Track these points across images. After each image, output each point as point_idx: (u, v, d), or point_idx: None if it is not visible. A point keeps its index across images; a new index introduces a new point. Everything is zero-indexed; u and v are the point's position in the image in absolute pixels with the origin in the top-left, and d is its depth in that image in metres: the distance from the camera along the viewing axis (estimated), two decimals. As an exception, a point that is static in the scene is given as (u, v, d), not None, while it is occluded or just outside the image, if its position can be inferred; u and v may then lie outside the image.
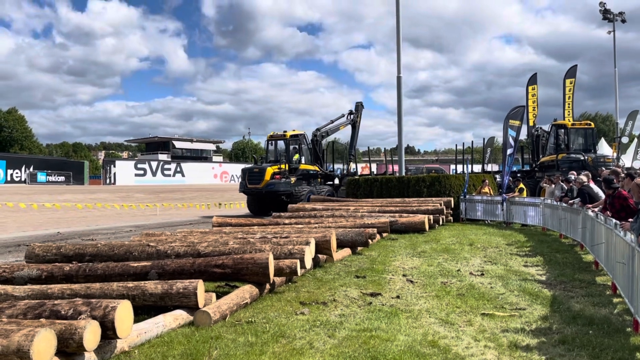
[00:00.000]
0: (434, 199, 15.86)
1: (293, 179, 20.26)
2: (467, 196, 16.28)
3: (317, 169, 22.35)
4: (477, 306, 5.66)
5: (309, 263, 6.88)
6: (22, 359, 3.24)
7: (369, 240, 9.70)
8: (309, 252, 6.93)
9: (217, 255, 6.42)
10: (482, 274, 7.45)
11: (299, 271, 6.45)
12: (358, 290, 6.47)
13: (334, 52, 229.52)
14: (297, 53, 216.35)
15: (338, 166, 27.53)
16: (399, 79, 21.52)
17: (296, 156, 21.39)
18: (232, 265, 5.89)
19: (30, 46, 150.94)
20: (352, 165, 25.56)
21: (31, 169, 51.32)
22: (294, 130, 21.96)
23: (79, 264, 6.15)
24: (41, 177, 51.47)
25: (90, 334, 3.65)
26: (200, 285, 5.09)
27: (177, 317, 4.91)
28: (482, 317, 5.24)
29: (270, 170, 19.98)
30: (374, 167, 32.70)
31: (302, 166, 21.37)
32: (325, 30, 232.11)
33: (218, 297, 5.53)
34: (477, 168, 27.58)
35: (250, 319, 5.16)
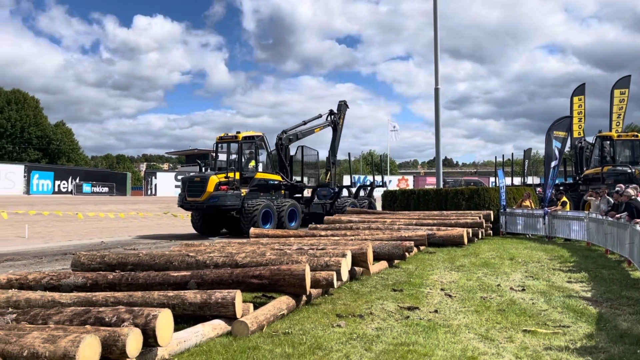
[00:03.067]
0: (472, 212, 15.59)
1: (244, 191, 16.82)
2: (508, 209, 15.93)
3: (279, 178, 18.85)
4: (518, 322, 5.52)
5: (345, 275, 6.86)
6: (68, 364, 3.35)
7: (406, 254, 9.60)
8: (346, 265, 6.91)
9: (254, 266, 6.49)
10: (524, 290, 7.25)
11: (336, 283, 6.44)
12: (395, 303, 6.41)
13: (372, 64, 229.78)
14: (336, 65, 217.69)
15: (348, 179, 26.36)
16: (436, 90, 21.35)
17: (252, 163, 18.03)
18: (269, 276, 5.94)
19: (78, 62, 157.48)
20: (329, 176, 22.70)
21: (77, 180, 53.21)
22: (250, 132, 18.45)
23: (122, 273, 6.32)
24: (86, 188, 53.29)
25: (133, 341, 3.74)
26: (238, 295, 5.15)
27: (215, 327, 4.98)
28: (523, 333, 5.10)
29: (214, 179, 16.33)
30: (410, 179, 32.45)
31: (259, 175, 17.94)
32: (363, 42, 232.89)
33: (255, 307, 5.58)
34: (518, 181, 26.96)
35: (287, 330, 5.18)
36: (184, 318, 5.20)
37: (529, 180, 26.80)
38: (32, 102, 78.58)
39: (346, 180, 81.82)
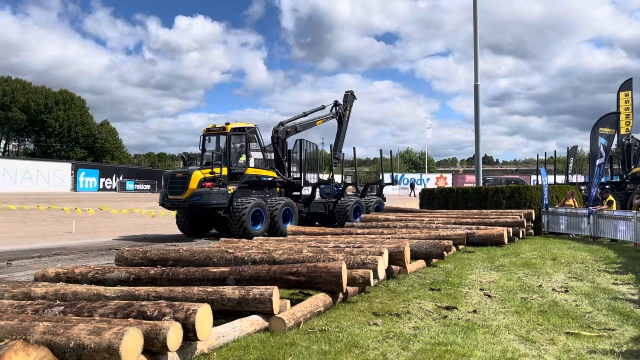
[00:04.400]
0: (513, 210, 15.24)
1: (232, 188, 15.05)
2: (550, 208, 15.49)
3: (273, 174, 16.88)
4: (560, 324, 5.37)
5: (382, 274, 6.84)
6: (112, 356, 3.46)
7: (444, 253, 9.48)
8: (382, 263, 6.88)
9: (291, 263, 6.54)
10: (567, 291, 7.05)
11: (372, 281, 6.42)
12: (433, 303, 6.34)
13: (410, 61, 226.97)
14: (373, 63, 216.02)
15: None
16: (476, 87, 20.95)
17: (242, 157, 16.22)
18: (306, 273, 5.97)
19: (122, 62, 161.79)
20: (334, 173, 20.72)
21: (121, 178, 54.86)
22: (240, 123, 16.51)
23: (163, 268, 6.49)
24: (129, 185, 54.87)
25: (174, 335, 3.83)
26: (275, 291, 5.20)
27: (253, 323, 5.05)
28: (566, 336, 4.96)
29: (197, 175, 14.65)
30: (449, 177, 31.77)
31: (250, 170, 16.02)
32: (402, 39, 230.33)
33: (292, 304, 5.63)
34: (561, 179, 26.17)
35: (323, 327, 5.20)
36: (222, 313, 5.29)
37: (573, 178, 25.94)
38: (79, 102, 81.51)
39: (385, 179, 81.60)
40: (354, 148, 20.78)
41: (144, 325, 3.84)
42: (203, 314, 4.18)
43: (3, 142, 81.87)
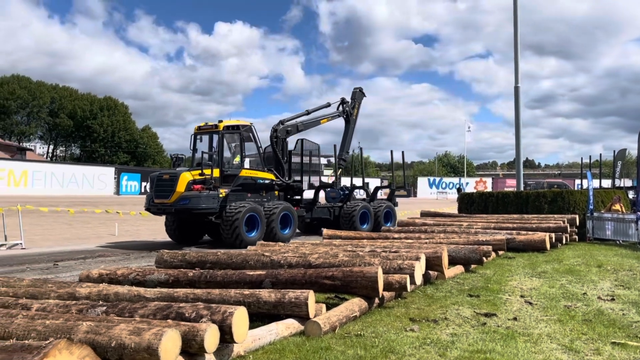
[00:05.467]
0: (556, 216, 14.80)
1: (223, 191, 13.76)
2: (595, 213, 14.97)
3: (270, 177, 15.50)
4: (606, 334, 5.16)
5: (419, 279, 6.75)
6: (151, 356, 3.53)
7: (484, 258, 9.28)
8: (419, 268, 6.80)
9: (327, 267, 6.54)
10: (613, 299, 6.78)
11: (409, 287, 6.35)
12: (471, 309, 6.21)
13: (449, 63, 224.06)
14: (412, 65, 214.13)
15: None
16: (516, 89, 20.51)
17: (237, 158, 14.92)
18: (341, 277, 5.96)
19: (164, 69, 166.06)
20: (339, 176, 19.50)
21: (161, 182, 56.15)
22: (234, 120, 15.13)
23: (201, 271, 6.59)
24: (170, 189, 56.13)
25: (211, 336, 3.89)
26: (311, 295, 5.21)
27: (289, 326, 5.07)
28: (612, 346, 4.77)
29: (185, 177, 13.39)
30: (489, 181, 31.10)
31: (245, 172, 14.63)
32: (441, 41, 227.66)
33: (328, 308, 5.62)
34: (607, 183, 25.25)
35: (359, 332, 5.17)
36: (258, 316, 5.33)
37: (621, 182, 24.96)
38: (122, 108, 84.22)
39: (422, 183, 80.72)
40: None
41: (182, 326, 3.91)
42: (240, 317, 4.22)
43: (51, 147, 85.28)
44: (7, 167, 41.61)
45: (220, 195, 13.63)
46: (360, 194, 19.36)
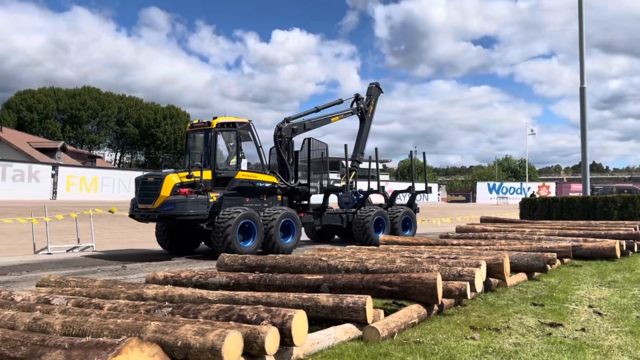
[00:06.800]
0: (626, 222, 14.06)
1: (214, 196, 12.37)
2: (671, 220, 14.07)
3: (272, 179, 13.88)
4: (684, 348, 4.85)
5: (479, 286, 6.60)
6: (215, 356, 3.65)
7: (548, 266, 8.94)
8: (480, 275, 6.64)
9: (384, 273, 6.51)
10: (692, 312, 6.35)
11: (469, 294, 6.22)
12: (535, 318, 6.00)
13: (510, 65, 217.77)
14: (470, 68, 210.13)
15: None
16: (582, 90, 19.65)
17: (233, 160, 13.63)
18: (399, 283, 5.92)
19: (223, 77, 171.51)
20: (350, 179, 17.87)
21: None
22: (230, 117, 13.75)
23: (260, 274, 6.74)
24: (228, 194, 57.57)
25: (271, 339, 3.97)
26: (369, 301, 5.21)
27: (347, 331, 5.09)
28: (691, 362, 4.48)
29: (171, 180, 12.03)
30: (552, 186, 29.84)
31: (241, 175, 13.13)
32: (501, 42, 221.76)
33: (386, 314, 5.59)
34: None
35: (418, 339, 5.11)
36: (316, 320, 5.38)
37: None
38: (184, 116, 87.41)
39: (482, 187, 78.56)
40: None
41: (243, 328, 4.02)
42: (299, 320, 4.28)
43: (119, 154, 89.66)
44: (79, 174, 43.99)
45: (211, 200, 12.25)
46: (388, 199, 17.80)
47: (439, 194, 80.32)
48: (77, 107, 78.64)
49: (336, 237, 17.21)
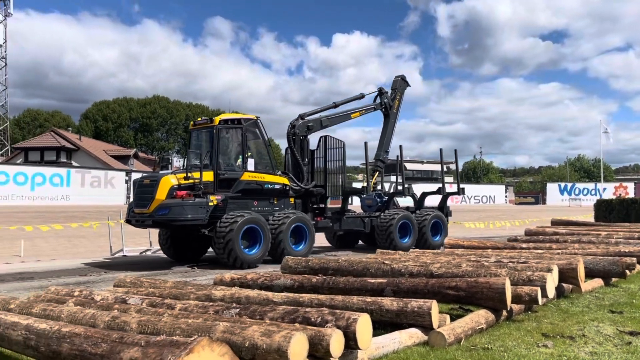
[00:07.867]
0: None
1: (214, 199, 11.39)
2: None
3: (283, 181, 12.89)
4: None
5: (551, 292, 6.32)
6: (281, 357, 3.72)
7: (627, 271, 8.44)
8: (551, 280, 6.37)
9: (449, 277, 6.38)
10: None
11: (540, 300, 5.98)
12: (613, 326, 5.68)
13: (582, 60, 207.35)
14: (538, 64, 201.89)
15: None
16: (662, 83, 18.34)
17: (238, 161, 12.57)
18: (465, 288, 5.78)
19: (285, 83, 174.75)
20: (372, 180, 16.38)
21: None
22: (236, 113, 13.08)
23: (324, 277, 6.79)
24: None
25: (336, 342, 3.99)
26: (434, 305, 5.13)
27: (412, 335, 5.03)
28: None
29: (167, 182, 11.14)
30: (630, 186, 28.02)
31: (247, 176, 12.07)
32: (572, 37, 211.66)
33: (452, 319, 5.49)
34: None
35: (486, 345, 4.97)
36: (380, 324, 5.35)
37: None
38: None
39: (552, 189, 75.06)
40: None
41: (308, 330, 4.07)
42: (363, 324, 4.28)
43: (186, 160, 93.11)
44: (150, 180, 46.20)
45: (211, 204, 11.28)
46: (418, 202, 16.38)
47: (506, 196, 77.58)
48: (147, 116, 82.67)
49: (360, 242, 16.05)
